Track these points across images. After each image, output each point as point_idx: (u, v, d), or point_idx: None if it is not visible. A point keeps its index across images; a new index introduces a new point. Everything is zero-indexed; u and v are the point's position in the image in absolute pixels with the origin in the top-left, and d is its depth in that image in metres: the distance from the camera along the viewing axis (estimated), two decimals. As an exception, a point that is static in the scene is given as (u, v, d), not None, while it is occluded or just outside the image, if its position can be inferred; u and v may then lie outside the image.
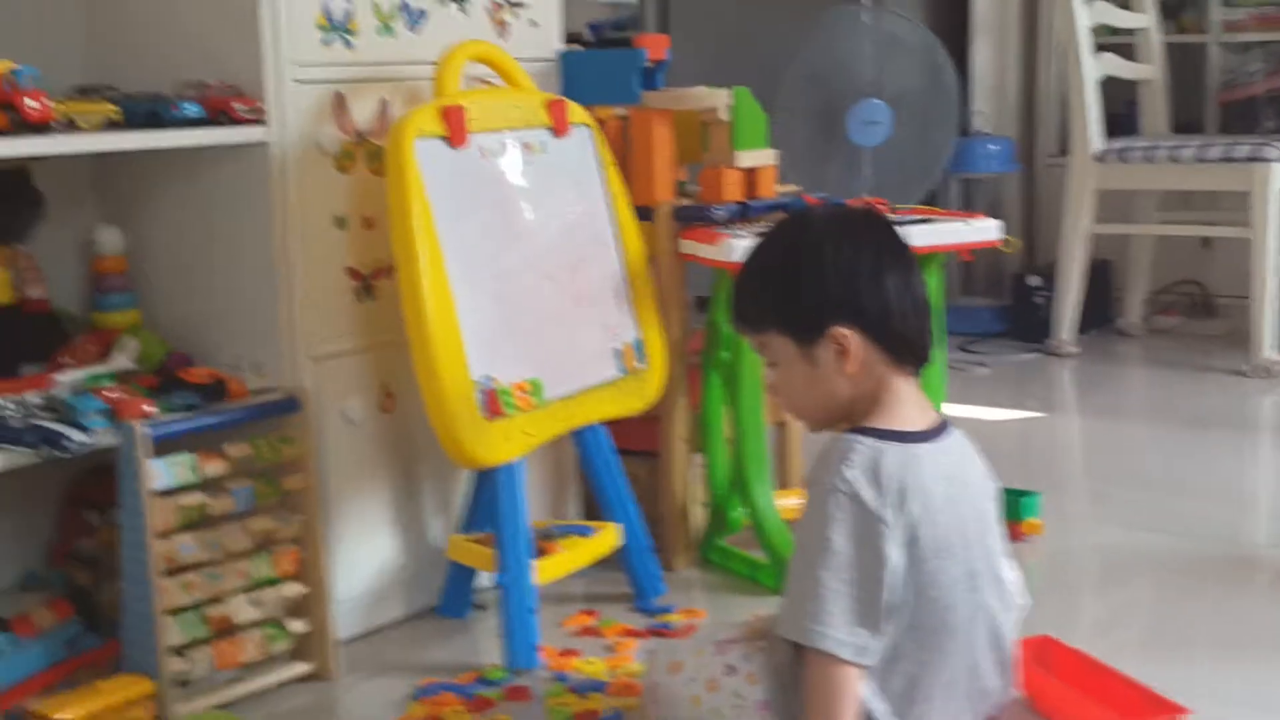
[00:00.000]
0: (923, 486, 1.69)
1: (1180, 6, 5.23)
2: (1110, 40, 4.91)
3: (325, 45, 2.36)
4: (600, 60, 2.87)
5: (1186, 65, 5.17)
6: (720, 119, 2.74)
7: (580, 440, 2.57)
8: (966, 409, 3.98)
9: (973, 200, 5.08)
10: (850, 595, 1.65)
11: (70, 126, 2.10)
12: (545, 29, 2.77)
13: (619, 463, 2.60)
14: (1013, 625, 1.82)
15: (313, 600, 2.28)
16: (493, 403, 2.29)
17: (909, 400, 1.76)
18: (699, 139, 2.79)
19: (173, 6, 2.36)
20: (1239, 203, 4.36)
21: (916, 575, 1.69)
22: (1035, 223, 5.35)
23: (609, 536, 2.53)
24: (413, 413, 2.45)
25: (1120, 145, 4.57)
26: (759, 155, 2.78)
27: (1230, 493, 3.29)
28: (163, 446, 2.10)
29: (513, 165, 2.46)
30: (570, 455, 2.76)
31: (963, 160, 5.01)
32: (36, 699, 2.05)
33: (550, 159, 2.53)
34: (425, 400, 2.25)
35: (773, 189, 2.84)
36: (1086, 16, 4.61)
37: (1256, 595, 2.65)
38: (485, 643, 2.45)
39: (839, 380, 1.74)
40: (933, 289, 2.82)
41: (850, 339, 1.72)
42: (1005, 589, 1.81)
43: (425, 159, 2.29)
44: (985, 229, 2.83)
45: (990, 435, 3.73)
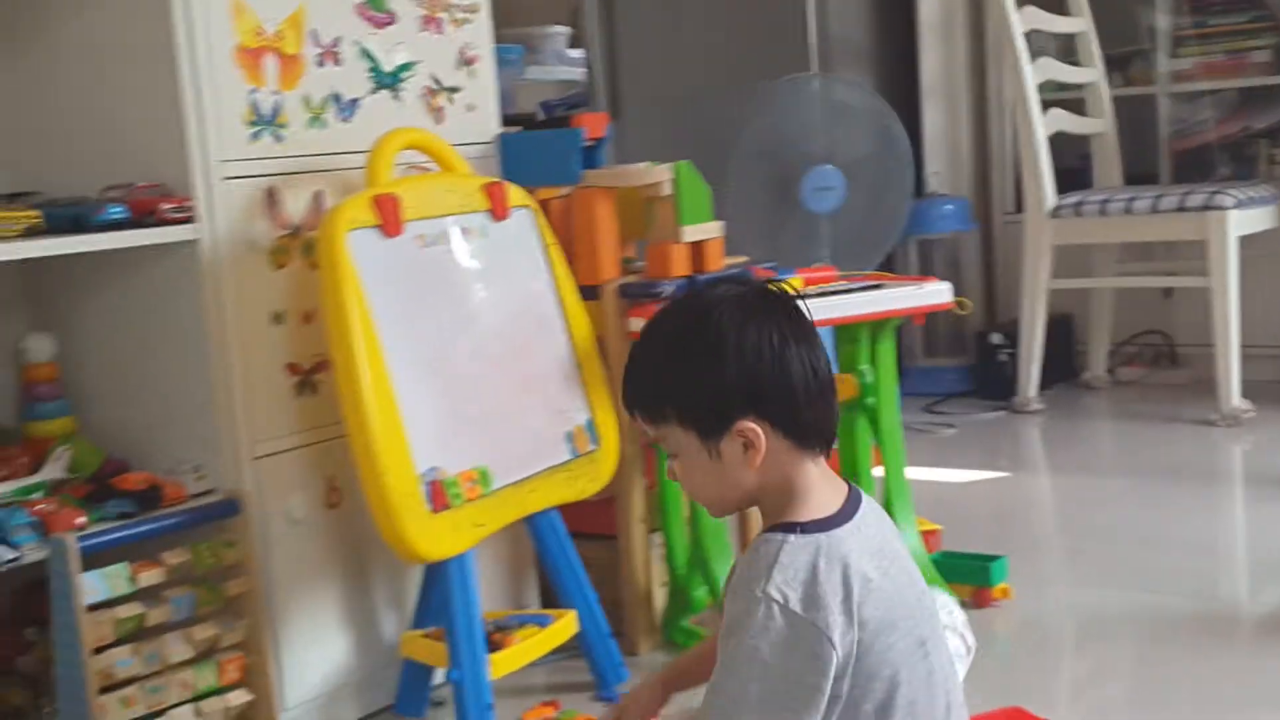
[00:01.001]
0: (860, 571, 1.64)
1: (1127, 59, 5.24)
2: (1059, 96, 4.91)
3: (254, 140, 2.32)
4: (539, 141, 2.83)
5: (1137, 117, 5.17)
6: (664, 194, 2.71)
7: (534, 527, 2.51)
8: (934, 472, 3.94)
9: (931, 260, 5.07)
10: (782, 706, 1.60)
11: (-9, 234, 2.06)
12: (482, 112, 2.74)
13: (574, 548, 2.54)
14: (962, 676, 1.77)
15: (260, 708, 2.22)
16: (438, 495, 2.24)
17: (821, 482, 1.70)
18: (643, 215, 2.75)
19: (93, 109, 2.32)
20: (1198, 251, 4.35)
21: (867, 660, 1.63)
22: (995, 280, 5.34)
23: (566, 625, 2.47)
24: (360, 508, 2.38)
25: (1074, 200, 4.56)
26: (705, 229, 2.75)
27: (1205, 545, 3.24)
28: (97, 558, 2.04)
29: (451, 252, 2.42)
30: (527, 543, 2.71)
31: (919, 221, 5.01)
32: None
33: (490, 243, 2.49)
34: (367, 496, 2.19)
35: (720, 261, 2.80)
36: (1034, 74, 4.61)
37: (1237, 650, 2.61)
38: (443, 742, 2.39)
39: (744, 473, 1.69)
40: (887, 354, 2.80)
41: (758, 434, 1.67)
42: (947, 646, 1.75)
43: (359, 250, 2.25)
44: (937, 292, 2.80)
45: (959, 498, 3.73)
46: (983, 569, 2.84)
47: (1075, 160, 5.05)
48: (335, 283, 2.20)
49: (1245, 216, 4.32)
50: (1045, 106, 4.66)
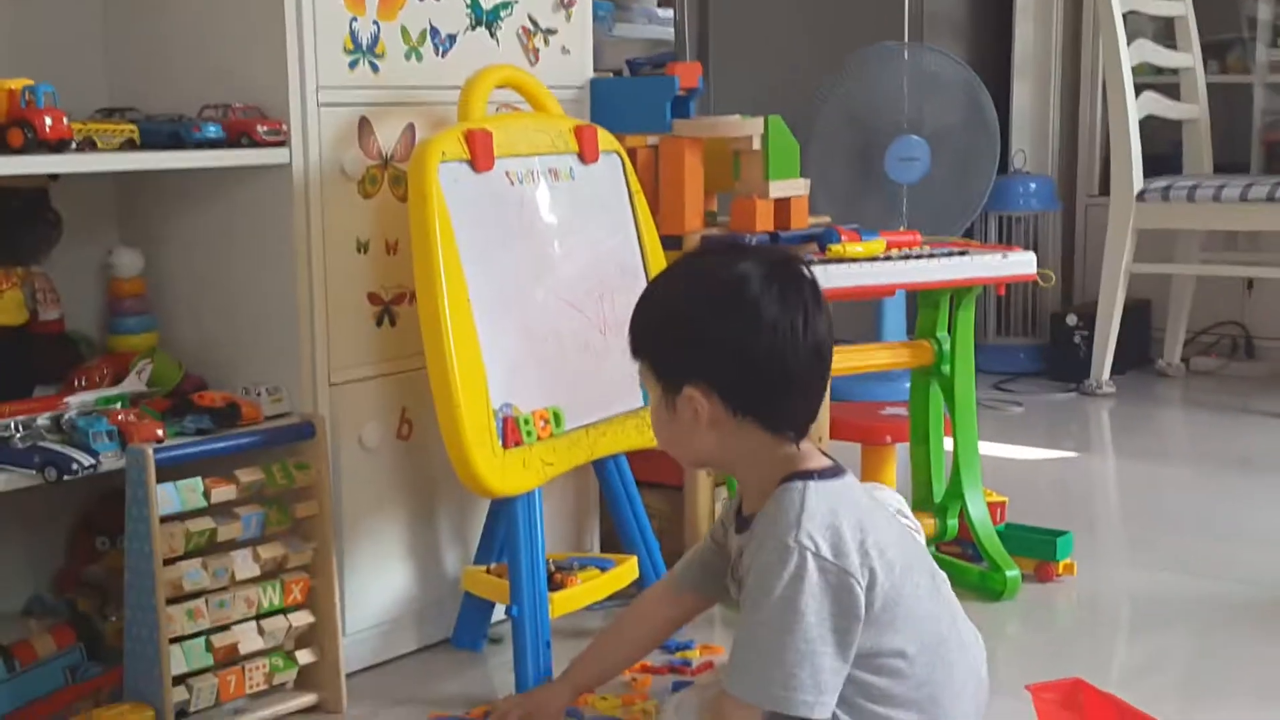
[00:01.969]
0: (871, 517, 1.69)
1: (1225, 47, 5.17)
2: (1154, 80, 4.86)
3: (351, 69, 2.33)
4: (631, 88, 2.84)
5: (1231, 105, 5.11)
6: (753, 148, 2.70)
7: (601, 471, 2.52)
8: (999, 447, 3.92)
9: (1011, 238, 5.03)
10: (817, 652, 1.62)
11: (89, 146, 2.09)
12: (577, 56, 2.74)
13: (639, 495, 2.55)
14: None
15: (322, 630, 2.24)
16: (511, 431, 2.25)
17: (806, 450, 1.72)
18: (730, 168, 2.75)
19: (198, 29, 2.34)
20: (1282, 244, 4.30)
21: (903, 603, 1.66)
22: (1074, 262, 5.30)
23: (627, 570, 2.48)
24: (430, 441, 2.41)
25: (1163, 184, 4.51)
26: (791, 185, 2.74)
27: (1271, 537, 3.21)
28: (172, 471, 2.06)
29: (539, 192, 2.42)
30: (591, 487, 2.72)
31: (1002, 198, 4.97)
32: (35, 727, 2.02)
33: (577, 185, 2.50)
34: (442, 427, 2.20)
35: (805, 219, 2.79)
36: (1130, 56, 4.56)
37: (1297, 643, 2.58)
38: (499, 676, 2.40)
39: (696, 435, 1.71)
40: (966, 322, 2.79)
41: (701, 405, 1.68)
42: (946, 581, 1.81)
43: (449, 183, 2.25)
44: (1022, 262, 2.78)
45: (1024, 474, 3.71)
46: (1049, 543, 2.83)
47: (1165, 146, 4.99)
48: (424, 214, 2.21)
49: (1335, 211, 4.27)
50: (1138, 89, 4.61)
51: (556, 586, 2.35)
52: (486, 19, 2.54)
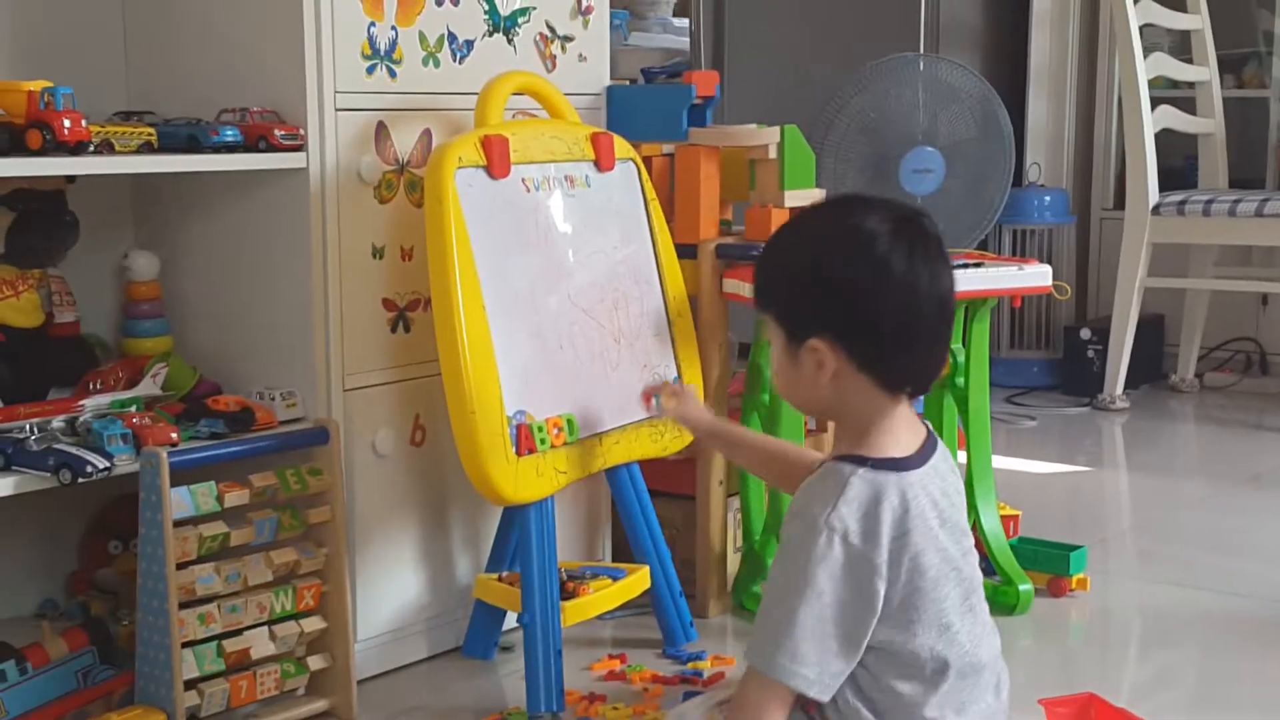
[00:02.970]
0: (921, 514, 1.66)
1: (1241, 61, 5.16)
2: (1170, 93, 4.85)
3: (369, 74, 2.33)
4: (648, 96, 2.83)
5: (1247, 120, 5.10)
6: (768, 157, 2.70)
7: (614, 480, 2.52)
8: (1012, 461, 3.92)
9: (1025, 251, 5.02)
10: (826, 633, 1.61)
11: (106, 148, 2.09)
12: (593, 63, 2.74)
13: (652, 504, 2.54)
14: None
15: (333, 636, 2.24)
16: (525, 438, 2.24)
17: (901, 423, 1.71)
18: (746, 177, 2.74)
19: (216, 33, 2.34)
20: (1298, 260, 4.29)
21: (925, 610, 1.65)
22: (1088, 276, 5.29)
23: (639, 579, 2.47)
24: (443, 447, 2.41)
25: (1178, 198, 4.50)
26: (807, 195, 2.73)
27: (1282, 553, 3.21)
28: (186, 474, 2.06)
29: (555, 199, 2.42)
30: (604, 496, 2.72)
31: (1016, 211, 4.96)
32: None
33: (593, 193, 2.49)
34: (456, 434, 2.20)
35: (819, 231, 2.78)
36: (1146, 69, 4.55)
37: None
38: (510, 685, 2.39)
39: (817, 387, 1.70)
40: (981, 335, 2.78)
41: (827, 356, 1.67)
42: (985, 604, 1.78)
43: (465, 189, 2.25)
44: (1038, 274, 2.78)
45: (1036, 488, 3.70)
46: (1062, 558, 2.82)
47: (1181, 160, 4.98)
48: (440, 219, 2.21)
49: (1351, 227, 4.25)
50: (1154, 103, 4.60)
51: (568, 595, 2.35)
52: (504, 25, 2.54)
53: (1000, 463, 3.53)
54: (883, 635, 1.65)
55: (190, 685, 2.06)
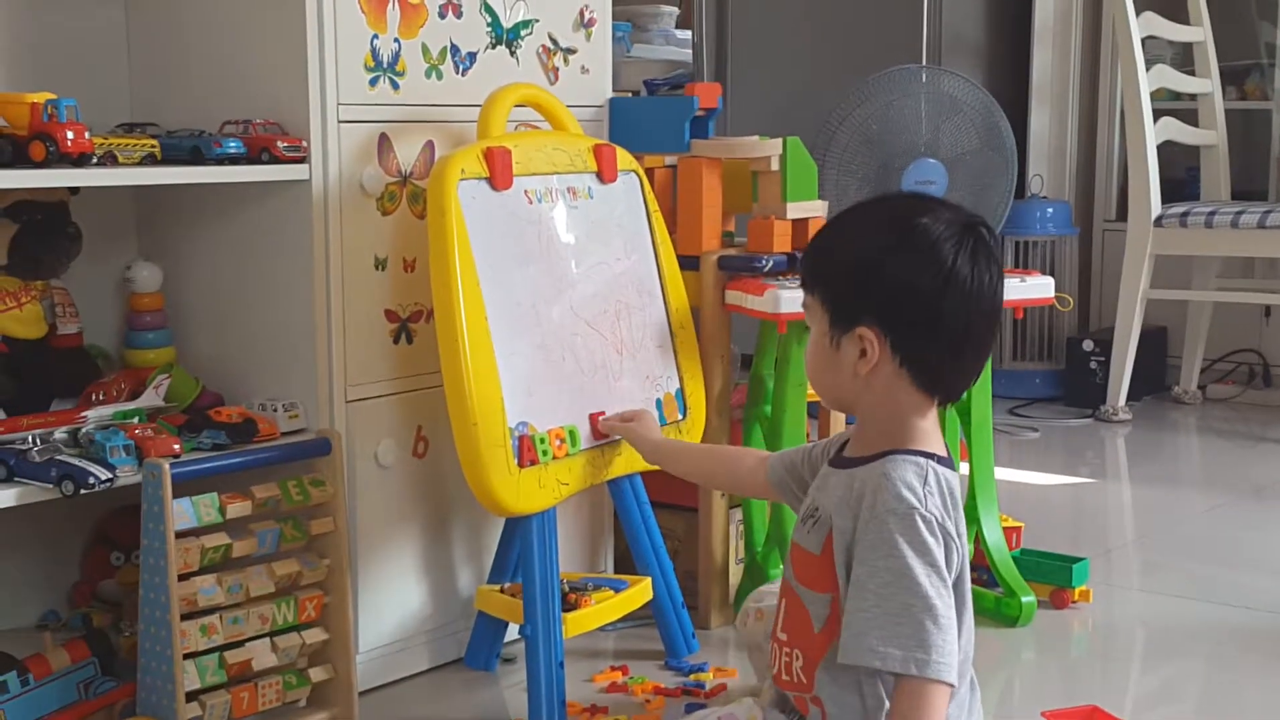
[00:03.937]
0: (961, 512, 1.70)
1: (1244, 73, 5.17)
2: (1172, 105, 4.85)
3: (371, 86, 2.33)
4: (650, 108, 2.85)
5: (1249, 132, 5.10)
6: (771, 169, 2.70)
7: (616, 491, 2.51)
8: (1014, 473, 3.91)
9: (1027, 263, 5.03)
10: (948, 619, 1.62)
11: (110, 160, 2.09)
12: (596, 76, 2.74)
13: (654, 516, 2.54)
14: None
15: (335, 648, 2.24)
16: (527, 450, 2.24)
17: (936, 426, 1.72)
18: (749, 189, 2.75)
19: (219, 45, 2.35)
20: (1301, 272, 4.29)
21: (961, 610, 1.67)
22: (1091, 287, 5.29)
23: (641, 591, 2.47)
24: (445, 458, 2.41)
25: (1180, 210, 4.50)
26: (809, 206, 2.74)
27: (1286, 566, 3.20)
28: (189, 486, 2.06)
29: (557, 211, 2.42)
30: (606, 507, 2.72)
31: (1018, 223, 4.97)
32: (48, 740, 2.02)
33: (596, 205, 2.50)
34: (458, 445, 2.20)
35: (821, 242, 2.78)
36: (1148, 81, 4.55)
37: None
38: (511, 697, 2.39)
39: (854, 377, 1.70)
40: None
41: (872, 346, 1.67)
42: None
43: (468, 200, 2.26)
44: (1040, 286, 2.78)
45: (1038, 500, 3.70)
46: (1065, 570, 2.81)
47: (1182, 172, 4.99)
48: (442, 231, 2.21)
49: (1354, 238, 4.26)
50: (1157, 115, 4.60)
51: (570, 607, 2.34)
52: (507, 38, 2.54)
53: (1003, 474, 3.53)
54: None
55: (192, 697, 2.05)
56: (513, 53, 2.56)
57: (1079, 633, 2.74)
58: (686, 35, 5.16)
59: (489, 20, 2.51)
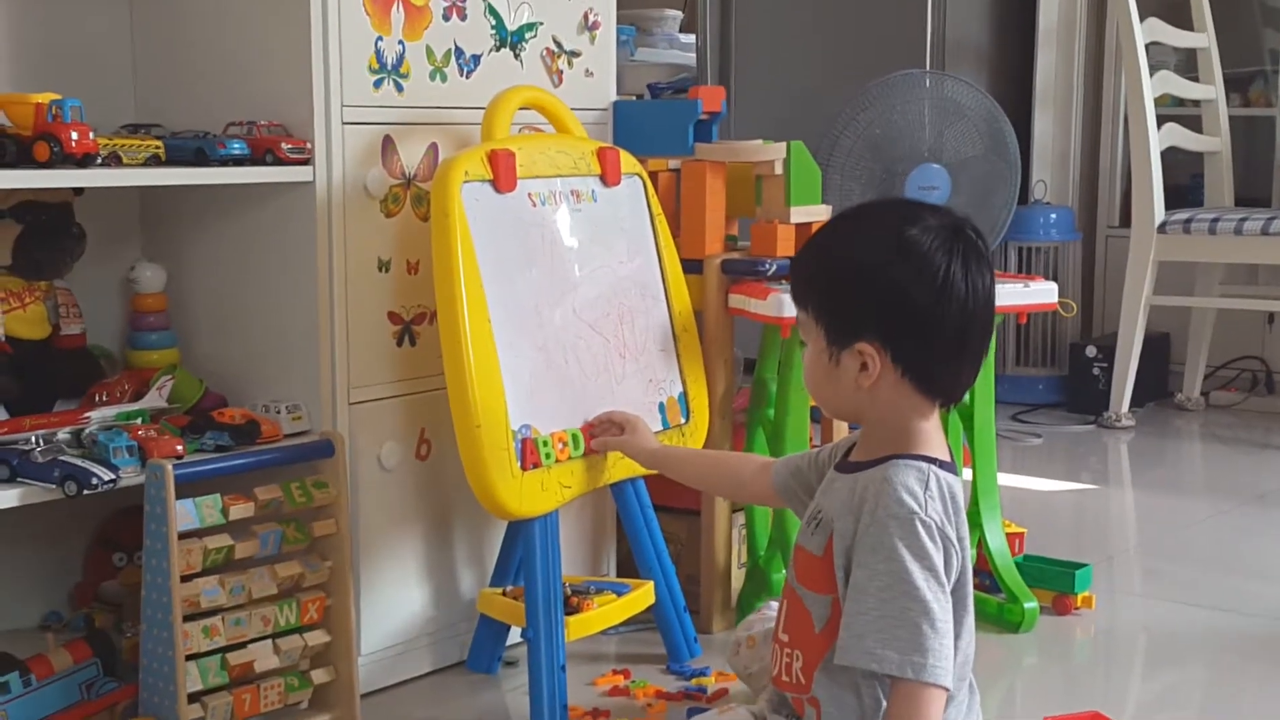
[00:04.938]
0: (963, 517, 1.70)
1: (1248, 80, 5.16)
2: (1176, 111, 4.85)
3: (375, 88, 2.33)
4: (654, 111, 2.84)
5: (1253, 138, 5.10)
6: (775, 173, 2.70)
7: (619, 494, 2.51)
8: (1017, 479, 3.91)
9: (1030, 269, 5.03)
10: (945, 624, 1.62)
11: (114, 161, 2.09)
12: (600, 79, 2.74)
13: (656, 519, 2.54)
14: None
15: (337, 650, 2.23)
16: (530, 453, 2.24)
17: (939, 428, 1.73)
18: (752, 193, 2.75)
19: (224, 47, 2.35)
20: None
21: (963, 615, 1.67)
22: (1094, 293, 5.29)
23: (643, 594, 2.47)
24: (448, 461, 2.41)
25: (1184, 216, 4.50)
26: (813, 211, 2.73)
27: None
28: (191, 487, 2.06)
29: (561, 213, 2.42)
30: (608, 510, 2.72)
31: (1021, 228, 4.97)
32: (50, 741, 2.01)
33: (599, 208, 2.50)
34: (461, 447, 2.20)
35: (825, 247, 2.78)
36: (1152, 87, 4.55)
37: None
38: (513, 700, 2.39)
39: (857, 390, 1.70)
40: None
41: (873, 360, 1.67)
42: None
43: (471, 203, 2.25)
44: (1043, 291, 2.78)
45: (1041, 506, 3.70)
46: (1067, 576, 2.81)
47: (1186, 178, 4.98)
48: (446, 233, 2.21)
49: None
50: (1160, 121, 4.60)
51: (572, 610, 2.34)
52: (511, 40, 2.54)
53: (1005, 480, 3.53)
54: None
55: (194, 698, 2.05)
56: (517, 55, 2.56)
57: (1081, 639, 2.74)
58: (691, 39, 5.17)
59: (493, 23, 2.51)
